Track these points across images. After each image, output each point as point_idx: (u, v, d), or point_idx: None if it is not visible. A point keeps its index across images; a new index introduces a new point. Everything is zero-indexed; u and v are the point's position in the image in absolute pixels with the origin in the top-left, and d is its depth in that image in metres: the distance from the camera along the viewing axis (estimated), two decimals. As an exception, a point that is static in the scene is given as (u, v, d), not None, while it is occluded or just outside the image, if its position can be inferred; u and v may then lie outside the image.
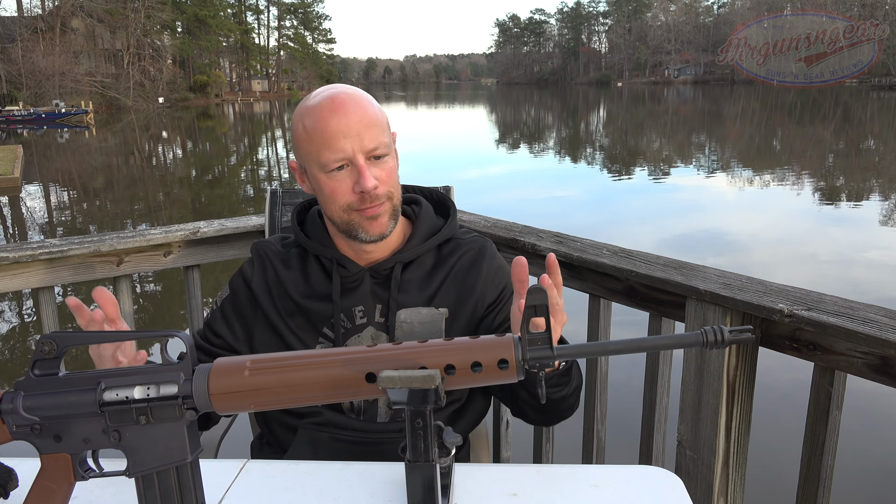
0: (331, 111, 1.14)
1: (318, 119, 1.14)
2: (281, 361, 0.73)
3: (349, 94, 1.17)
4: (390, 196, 1.19)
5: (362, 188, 1.14)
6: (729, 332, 0.66)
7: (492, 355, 0.70)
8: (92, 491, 0.94)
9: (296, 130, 1.19)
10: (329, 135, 1.13)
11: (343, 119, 1.13)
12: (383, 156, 1.17)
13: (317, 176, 1.18)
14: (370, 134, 1.15)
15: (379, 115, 1.19)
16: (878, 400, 4.05)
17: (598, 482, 0.98)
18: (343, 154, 1.14)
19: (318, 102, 1.16)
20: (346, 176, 1.16)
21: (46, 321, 1.94)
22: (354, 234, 1.20)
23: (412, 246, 1.26)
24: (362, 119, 1.15)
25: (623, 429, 2.45)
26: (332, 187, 1.17)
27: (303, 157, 1.19)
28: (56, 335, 0.73)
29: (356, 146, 1.14)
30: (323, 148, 1.14)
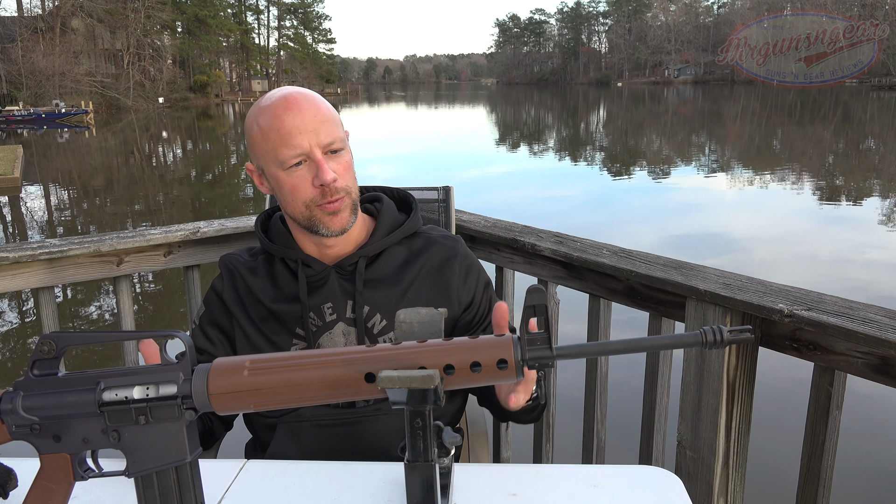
0: (285, 109, 1.16)
1: (274, 118, 1.16)
2: (280, 361, 0.73)
3: (302, 93, 1.19)
4: (348, 190, 1.21)
5: (322, 181, 1.16)
6: (728, 332, 0.66)
7: (491, 355, 0.70)
8: (91, 491, 0.94)
9: (251, 131, 1.21)
10: (285, 132, 1.15)
11: (298, 116, 1.15)
12: (339, 150, 1.20)
13: (276, 174, 1.19)
14: (325, 129, 1.17)
15: (332, 112, 1.21)
16: (877, 400, 4.05)
17: (597, 482, 0.98)
18: (300, 149, 1.15)
19: (271, 102, 1.18)
20: (305, 171, 1.17)
21: (46, 321, 1.94)
22: (316, 229, 1.21)
23: (375, 240, 1.28)
24: (316, 115, 1.17)
25: (623, 429, 2.46)
26: (292, 184, 1.18)
27: (260, 156, 1.21)
28: (55, 335, 0.73)
29: (312, 141, 1.16)
30: (280, 145, 1.16)
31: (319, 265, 1.27)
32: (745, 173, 16.84)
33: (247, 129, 1.23)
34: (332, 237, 1.23)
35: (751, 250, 8.68)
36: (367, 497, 0.94)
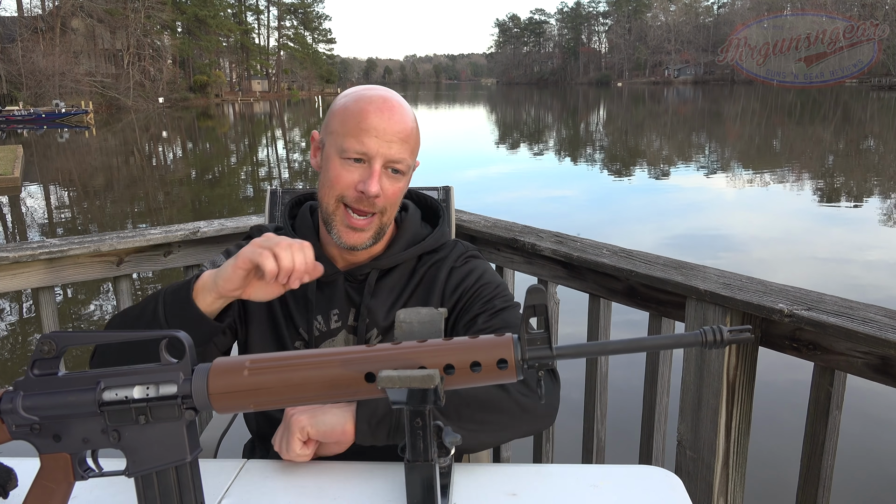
0: (377, 108, 1.14)
1: (363, 109, 1.14)
2: (280, 361, 0.73)
3: (400, 104, 1.18)
4: (383, 212, 1.19)
5: (364, 189, 1.14)
6: (728, 331, 0.66)
7: (491, 355, 0.70)
8: (91, 491, 0.94)
9: (337, 106, 1.19)
10: (365, 126, 1.13)
11: (384, 121, 1.14)
12: (400, 173, 1.17)
13: (331, 156, 1.17)
14: (399, 147, 1.15)
15: (415, 136, 1.20)
16: (877, 400, 4.05)
17: (597, 482, 0.98)
18: (366, 150, 1.13)
19: (372, 95, 1.17)
20: (357, 171, 1.15)
21: (46, 321, 1.94)
22: (330, 228, 1.19)
23: (392, 253, 1.25)
24: (401, 130, 1.15)
25: (623, 429, 2.46)
26: (337, 173, 1.16)
27: (329, 132, 1.19)
28: (55, 335, 0.73)
29: (382, 150, 1.14)
30: (351, 135, 1.14)
31: (330, 268, 1.23)
32: (744, 173, 16.84)
33: (335, 104, 1.21)
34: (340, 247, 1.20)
35: (750, 250, 8.68)
36: (367, 497, 0.94)
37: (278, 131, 37.79)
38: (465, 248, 1.31)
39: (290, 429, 1.00)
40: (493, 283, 1.26)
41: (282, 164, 21.79)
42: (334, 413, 1.00)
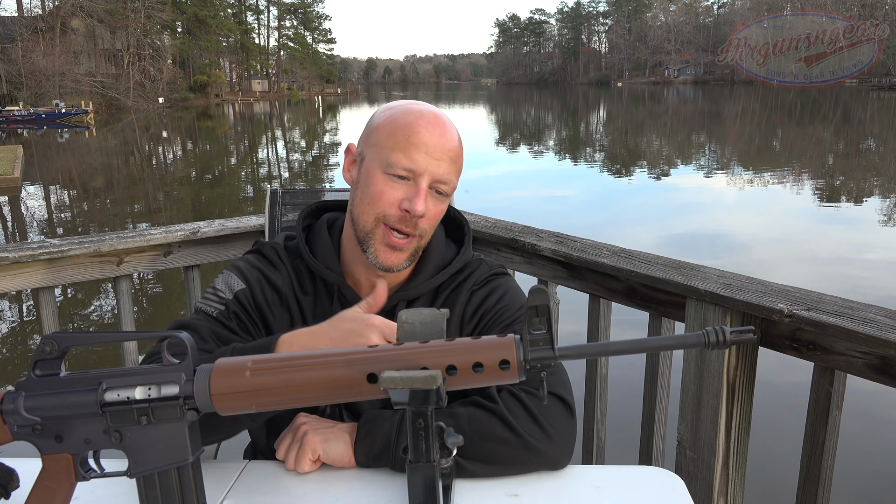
0: (429, 123, 1.09)
1: (414, 123, 1.08)
2: (282, 362, 0.73)
3: (450, 122, 1.13)
4: (423, 235, 1.12)
5: (410, 207, 1.07)
6: (730, 332, 0.66)
7: (493, 356, 0.70)
8: (93, 491, 0.94)
9: (381, 119, 1.12)
10: (415, 141, 1.07)
11: (435, 137, 1.08)
12: (444, 195, 1.12)
13: (373, 171, 1.10)
14: (448, 167, 1.10)
15: (461, 157, 1.14)
16: (878, 400, 4.06)
17: (598, 482, 0.98)
18: (414, 166, 1.07)
19: (420, 110, 1.11)
20: (402, 188, 1.08)
21: (46, 321, 1.94)
22: (366, 248, 1.11)
23: (418, 283, 1.17)
24: (452, 149, 1.11)
25: (623, 429, 2.45)
26: (381, 189, 1.08)
27: (371, 145, 1.11)
28: (57, 335, 0.73)
29: (431, 168, 1.08)
30: (399, 149, 1.07)
31: (355, 298, 1.14)
32: (744, 173, 16.84)
33: (379, 115, 1.14)
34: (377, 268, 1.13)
35: (750, 250, 8.69)
36: (369, 497, 0.94)
37: (278, 131, 37.78)
38: (489, 268, 1.23)
39: (303, 448, 0.99)
40: (514, 306, 1.18)
41: (282, 164, 21.79)
42: (344, 441, 1.00)
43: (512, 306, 1.18)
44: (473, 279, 1.20)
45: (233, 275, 1.18)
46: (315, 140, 31.67)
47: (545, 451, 0.99)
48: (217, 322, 1.11)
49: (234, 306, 1.14)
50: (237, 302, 1.15)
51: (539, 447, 0.99)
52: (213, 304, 1.14)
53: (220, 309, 1.13)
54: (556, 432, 1.00)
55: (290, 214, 1.79)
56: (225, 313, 1.13)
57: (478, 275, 1.21)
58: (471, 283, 1.20)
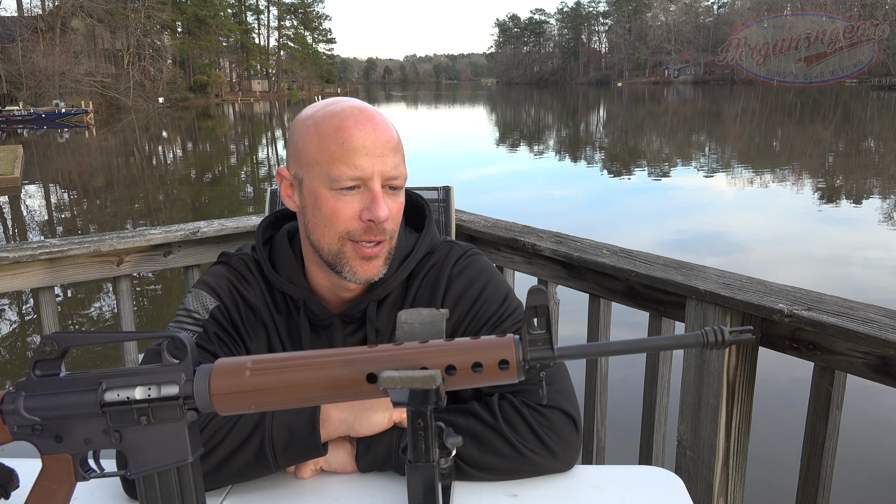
0: (357, 122, 0.99)
1: (341, 128, 0.99)
2: (282, 362, 0.73)
3: (376, 111, 1.03)
4: (392, 235, 1.06)
5: (373, 216, 0.99)
6: (729, 332, 0.66)
7: (493, 356, 0.70)
8: (93, 492, 0.94)
9: (304, 134, 1.02)
10: (350, 147, 0.98)
11: (371, 134, 0.99)
12: (398, 188, 1.04)
13: (317, 191, 1.01)
14: (393, 160, 1.01)
15: (401, 143, 1.05)
16: (878, 400, 4.06)
17: (598, 482, 0.98)
18: (360, 172, 0.98)
19: (340, 109, 1.01)
20: (356, 199, 1.00)
21: (46, 321, 1.94)
22: (340, 269, 1.04)
23: (385, 279, 1.09)
24: (389, 141, 1.01)
25: (623, 429, 2.46)
26: (333, 208, 1.00)
27: (305, 165, 1.02)
28: (57, 336, 0.73)
29: (377, 168, 0.99)
30: (339, 160, 0.98)
31: (323, 312, 1.09)
32: (744, 173, 16.85)
33: (298, 129, 1.04)
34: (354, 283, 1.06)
35: (750, 250, 8.69)
36: (368, 497, 0.94)
37: (278, 131, 37.78)
38: (461, 250, 1.15)
39: None
40: (499, 297, 1.11)
41: (282, 164, 21.79)
42: (346, 451, 0.99)
43: (495, 298, 1.11)
44: (449, 263, 1.13)
45: (203, 292, 1.11)
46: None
47: (548, 465, 0.99)
48: (199, 348, 1.05)
49: (213, 326, 1.08)
50: (214, 321, 1.08)
51: (542, 462, 0.98)
52: (190, 327, 1.07)
53: (198, 332, 1.07)
54: (559, 447, 0.99)
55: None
56: (204, 336, 1.06)
57: (451, 258, 1.13)
58: (447, 270, 1.12)
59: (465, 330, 1.10)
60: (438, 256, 1.14)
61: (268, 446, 0.94)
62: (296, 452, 0.94)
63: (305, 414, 0.94)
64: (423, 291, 1.12)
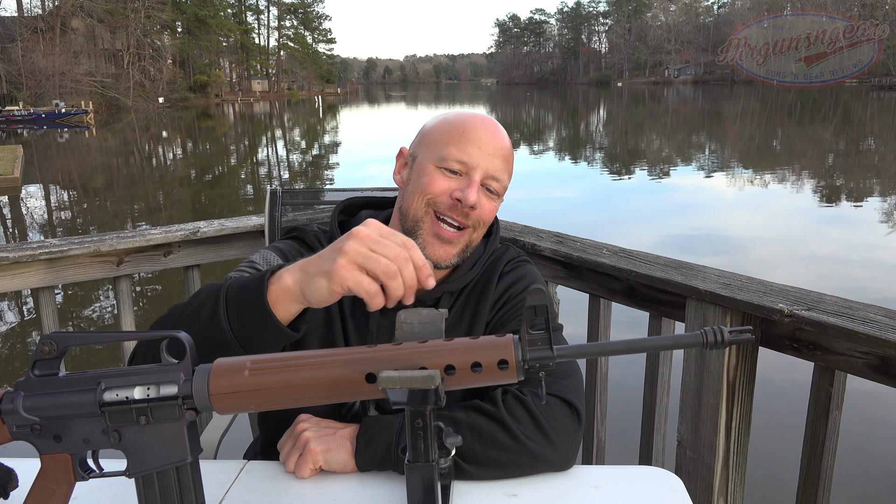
0: (481, 124, 1.11)
1: (466, 123, 1.11)
2: (281, 362, 0.73)
3: (501, 126, 1.15)
4: (476, 227, 1.12)
5: (462, 196, 1.07)
6: (729, 332, 0.66)
7: (492, 356, 0.70)
8: (92, 492, 0.94)
9: (435, 123, 1.15)
10: (468, 138, 1.09)
11: (487, 135, 1.10)
12: (495, 193, 1.13)
13: (424, 164, 1.11)
14: (500, 164, 1.11)
15: (512, 158, 1.16)
16: (878, 400, 4.05)
17: (598, 482, 0.98)
18: (468, 159, 1.08)
19: (472, 114, 1.14)
20: (454, 180, 1.09)
21: (46, 321, 1.94)
22: (415, 236, 1.09)
23: (460, 274, 1.16)
24: (503, 147, 1.12)
25: (623, 429, 2.46)
26: (432, 178, 1.09)
27: (425, 145, 1.13)
28: (56, 335, 0.73)
29: (483, 163, 1.09)
30: (454, 144, 1.09)
31: None
32: (744, 173, 16.85)
33: (432, 120, 1.16)
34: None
35: (750, 250, 8.69)
36: (366, 498, 0.94)
37: (278, 131, 37.78)
38: (516, 253, 1.25)
39: (304, 457, 0.99)
40: None
41: (282, 164, 21.79)
42: (346, 450, 0.99)
43: None
44: (503, 261, 1.21)
45: (272, 252, 1.15)
46: (315, 140, 31.68)
47: (548, 456, 0.99)
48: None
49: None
50: None
51: (542, 453, 0.98)
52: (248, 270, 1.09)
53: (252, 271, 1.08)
54: (559, 437, 0.99)
55: (290, 214, 1.79)
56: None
57: (507, 257, 1.22)
58: (500, 266, 1.20)
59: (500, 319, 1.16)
60: (496, 256, 1.23)
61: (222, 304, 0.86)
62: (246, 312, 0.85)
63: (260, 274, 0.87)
64: (478, 284, 1.19)
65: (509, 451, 0.97)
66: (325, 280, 0.79)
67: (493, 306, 1.18)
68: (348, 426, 1.02)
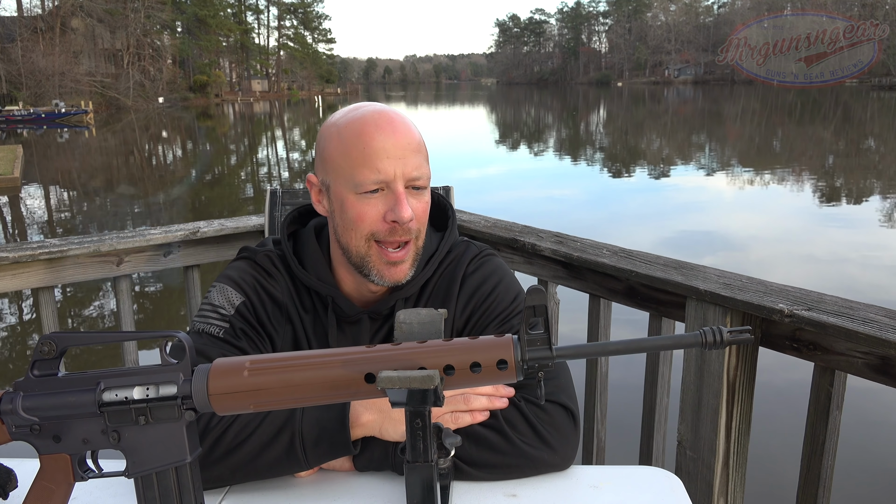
0: (377, 127, 1.02)
1: (362, 133, 1.02)
2: (280, 362, 0.72)
3: (397, 114, 1.06)
4: (419, 235, 1.08)
5: (396, 217, 1.02)
6: (728, 332, 0.66)
7: (491, 356, 0.70)
8: (91, 492, 0.94)
9: (329, 141, 1.06)
10: (371, 152, 1.01)
11: (390, 138, 1.02)
12: (422, 188, 1.06)
13: (343, 196, 1.04)
14: (414, 160, 1.04)
15: (423, 143, 1.08)
16: (878, 400, 4.05)
17: (597, 482, 0.98)
18: (383, 176, 1.01)
19: (361, 115, 1.04)
20: (379, 201, 1.03)
21: (46, 321, 1.94)
22: (367, 272, 1.07)
23: (412, 277, 1.11)
24: (410, 143, 1.04)
25: (623, 429, 2.45)
26: (359, 211, 1.03)
27: (331, 171, 1.06)
28: (56, 335, 0.73)
29: (399, 170, 1.02)
30: (361, 165, 1.01)
31: (352, 308, 1.11)
32: (744, 173, 16.85)
33: (324, 137, 1.08)
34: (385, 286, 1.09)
35: (750, 250, 8.69)
36: (366, 498, 0.94)
37: (278, 131, 37.79)
38: (477, 249, 1.19)
39: None
40: (509, 297, 1.13)
41: (282, 164, 21.80)
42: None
43: (505, 297, 1.13)
44: (465, 261, 1.16)
45: (228, 287, 1.11)
46: (315, 140, 31.67)
47: (546, 460, 0.98)
48: (225, 343, 1.05)
49: (239, 322, 1.08)
50: (240, 317, 1.08)
51: (540, 457, 0.98)
52: (216, 322, 1.07)
53: (224, 328, 1.06)
54: (556, 441, 0.99)
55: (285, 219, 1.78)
56: (231, 332, 1.06)
57: (468, 256, 1.17)
58: (462, 267, 1.15)
59: (475, 325, 1.13)
60: (455, 255, 1.17)
61: (298, 442, 0.93)
62: (326, 449, 0.94)
63: (335, 410, 0.94)
64: (439, 289, 1.15)
65: (508, 456, 0.97)
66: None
67: (462, 311, 1.14)
68: None
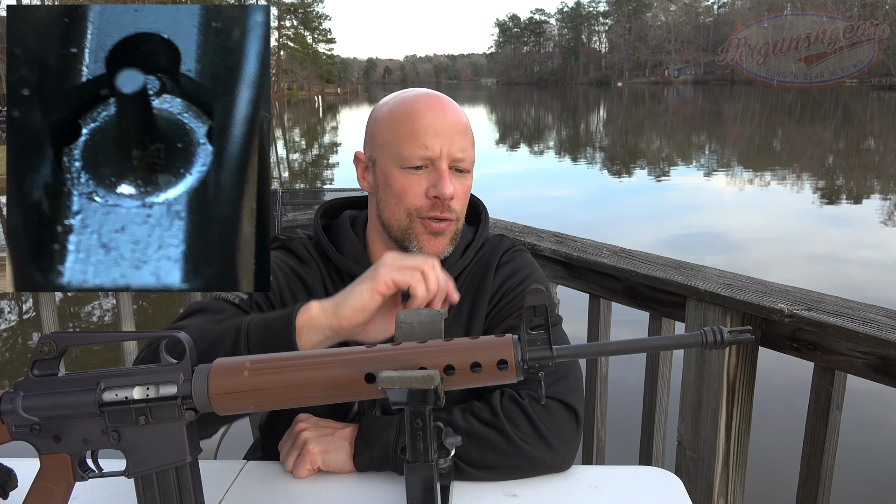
0: (428, 106, 1.06)
1: (412, 110, 1.05)
2: (280, 362, 0.73)
3: (448, 98, 1.09)
4: (459, 216, 1.09)
5: (439, 193, 1.04)
6: (728, 332, 0.66)
7: (491, 356, 0.70)
8: (91, 492, 0.94)
9: (379, 117, 1.09)
10: (420, 128, 1.04)
11: (439, 117, 1.05)
12: (465, 171, 1.09)
13: (388, 170, 1.07)
14: (461, 142, 1.06)
15: (470, 129, 1.10)
16: (878, 400, 4.05)
17: (597, 482, 0.98)
18: (429, 152, 1.04)
19: (414, 95, 1.08)
20: (423, 177, 1.05)
21: (46, 321, 1.94)
22: (407, 245, 1.08)
23: (450, 265, 1.12)
24: (458, 124, 1.07)
25: (623, 429, 2.45)
26: (403, 186, 1.05)
27: (378, 147, 1.09)
28: (56, 335, 0.73)
29: (445, 149, 1.04)
30: (409, 140, 1.04)
31: None
32: (744, 173, 16.85)
33: (374, 116, 1.11)
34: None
35: (749, 250, 8.68)
36: (366, 498, 0.94)
37: (278, 131, 37.79)
38: (511, 243, 1.21)
39: (303, 457, 0.98)
40: None
41: (282, 164, 21.79)
42: (344, 451, 0.99)
43: None
44: (499, 252, 1.18)
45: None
46: (315, 140, 31.70)
47: (546, 460, 0.98)
48: (237, 308, 1.04)
49: (258, 296, 1.08)
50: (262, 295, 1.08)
51: (540, 457, 0.98)
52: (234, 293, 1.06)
53: (241, 297, 1.06)
54: (558, 441, 0.99)
55: (290, 214, 1.79)
56: (247, 301, 1.06)
57: (502, 248, 1.19)
58: (497, 257, 1.17)
59: (497, 315, 1.14)
60: (490, 246, 1.20)
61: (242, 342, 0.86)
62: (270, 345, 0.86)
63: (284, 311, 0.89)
64: (474, 277, 1.17)
65: (507, 456, 0.97)
66: (367, 284, 0.85)
67: (491, 299, 1.16)
68: (347, 426, 1.02)
